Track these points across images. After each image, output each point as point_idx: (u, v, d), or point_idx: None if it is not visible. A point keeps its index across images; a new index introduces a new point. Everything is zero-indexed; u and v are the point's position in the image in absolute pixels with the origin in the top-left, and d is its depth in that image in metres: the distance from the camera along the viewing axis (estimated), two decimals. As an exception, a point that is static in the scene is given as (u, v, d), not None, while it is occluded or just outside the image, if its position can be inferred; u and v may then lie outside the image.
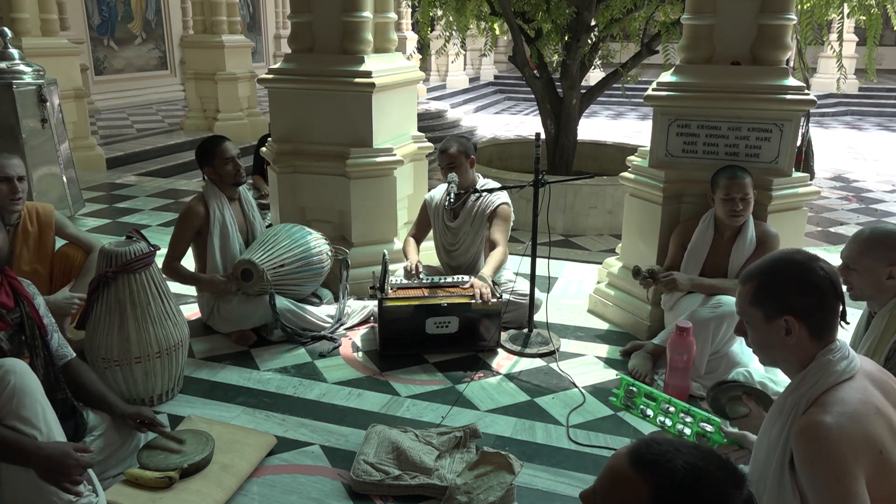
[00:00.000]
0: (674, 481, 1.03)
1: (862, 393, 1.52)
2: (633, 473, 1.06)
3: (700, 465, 1.04)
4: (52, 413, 2.02)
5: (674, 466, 1.04)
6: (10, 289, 2.24)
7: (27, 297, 2.28)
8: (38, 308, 2.33)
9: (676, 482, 1.03)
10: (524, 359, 3.45)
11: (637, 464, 1.06)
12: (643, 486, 1.04)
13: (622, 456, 1.10)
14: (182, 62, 13.28)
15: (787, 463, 1.52)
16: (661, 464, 1.05)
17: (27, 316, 2.25)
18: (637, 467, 1.06)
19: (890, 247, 2.12)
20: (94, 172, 7.57)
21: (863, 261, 2.14)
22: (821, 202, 7.64)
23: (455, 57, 16.91)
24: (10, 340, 2.21)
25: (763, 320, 1.59)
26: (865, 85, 15.15)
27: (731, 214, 3.19)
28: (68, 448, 1.95)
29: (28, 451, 1.91)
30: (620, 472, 1.08)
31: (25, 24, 6.81)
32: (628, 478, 1.06)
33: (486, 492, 2.30)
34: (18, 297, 2.25)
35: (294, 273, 3.52)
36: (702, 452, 1.07)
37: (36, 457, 1.90)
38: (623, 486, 1.07)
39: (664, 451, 1.06)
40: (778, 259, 1.64)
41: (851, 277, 2.17)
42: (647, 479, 1.04)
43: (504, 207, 3.70)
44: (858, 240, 2.18)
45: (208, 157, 3.49)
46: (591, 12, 6.70)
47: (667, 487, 1.03)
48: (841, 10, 7.08)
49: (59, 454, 1.92)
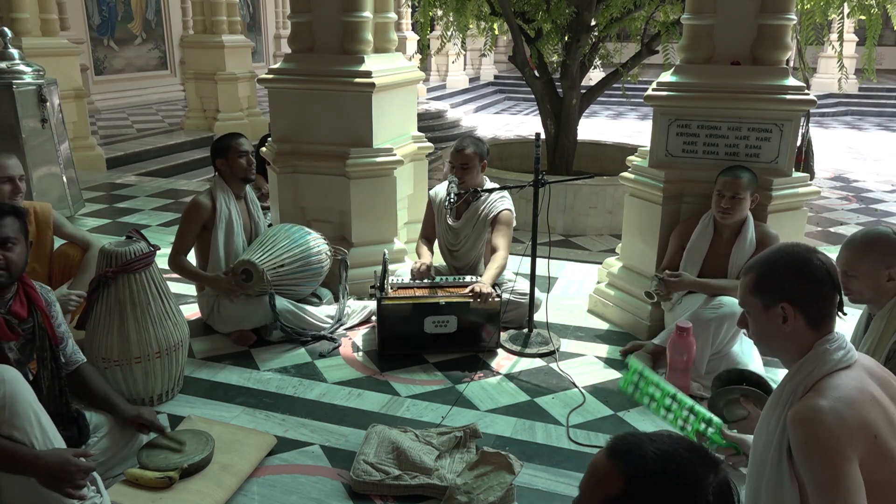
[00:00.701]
0: (644, 467, 1.08)
1: (858, 381, 1.54)
2: (609, 465, 1.11)
3: (670, 451, 1.09)
4: (46, 418, 2.00)
5: (644, 453, 1.09)
6: (25, 298, 2.24)
7: (42, 307, 2.28)
8: (53, 318, 2.33)
9: (647, 468, 1.08)
10: (524, 359, 3.45)
11: (612, 455, 1.12)
12: (617, 475, 1.09)
13: (601, 452, 1.16)
14: (182, 62, 13.28)
15: (785, 450, 1.53)
16: (633, 452, 1.10)
17: (39, 327, 2.25)
18: (612, 458, 1.12)
19: (884, 250, 2.13)
20: (94, 172, 7.57)
21: (860, 267, 2.15)
22: (821, 202, 7.64)
23: (455, 57, 16.91)
24: (21, 350, 2.21)
25: (762, 309, 1.63)
26: (865, 85, 15.17)
27: (719, 211, 3.21)
28: (67, 454, 1.93)
29: (26, 461, 1.88)
30: (598, 466, 1.14)
31: (25, 24, 6.80)
32: (605, 470, 1.12)
33: (486, 492, 2.30)
34: (33, 307, 2.25)
35: (294, 273, 3.52)
36: (673, 439, 1.12)
37: (35, 465, 1.88)
38: (600, 479, 1.12)
39: (637, 441, 1.12)
40: (777, 250, 1.69)
41: (851, 284, 2.18)
42: (621, 468, 1.10)
43: (506, 213, 3.70)
44: (852, 247, 2.19)
45: (223, 150, 3.53)
46: (591, 12, 6.70)
47: (638, 473, 1.08)
48: (841, 10, 7.08)
49: (58, 461, 1.89)
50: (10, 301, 2.20)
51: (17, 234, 2.19)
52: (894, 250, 2.13)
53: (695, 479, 1.07)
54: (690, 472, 1.08)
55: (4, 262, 2.14)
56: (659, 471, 1.07)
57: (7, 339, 2.16)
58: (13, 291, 2.21)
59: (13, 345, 2.18)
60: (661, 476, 1.07)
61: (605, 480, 1.11)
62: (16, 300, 2.21)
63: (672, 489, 1.06)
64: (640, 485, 1.07)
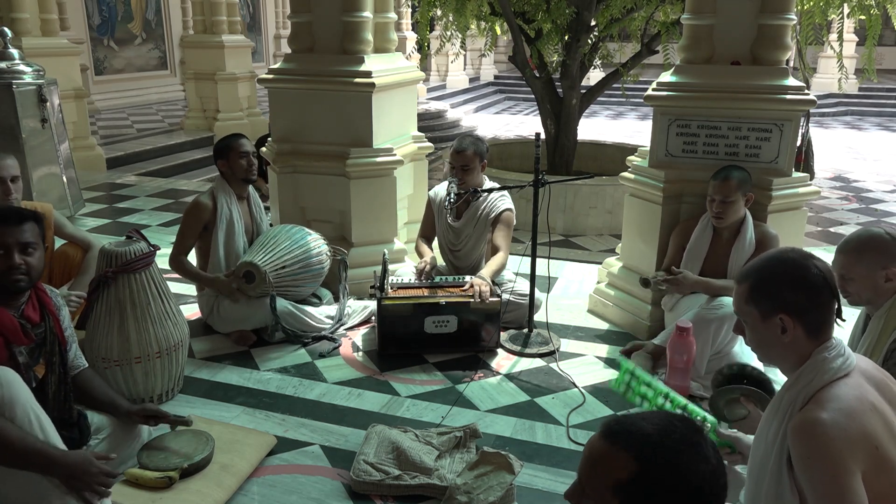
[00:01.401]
0: (650, 443, 1.11)
1: (857, 390, 1.53)
2: (611, 448, 1.13)
3: (664, 423, 1.13)
4: (47, 420, 1.99)
5: (644, 429, 1.13)
6: (38, 303, 2.24)
7: (53, 312, 2.28)
8: (61, 321, 2.33)
9: (652, 443, 1.11)
10: (524, 359, 3.45)
11: (611, 438, 1.14)
12: (624, 455, 1.11)
13: (594, 439, 1.17)
14: (182, 62, 13.28)
15: (785, 460, 1.52)
16: (633, 431, 1.13)
17: (50, 331, 2.25)
18: (612, 441, 1.14)
19: (878, 250, 2.13)
20: (94, 172, 7.57)
21: (857, 269, 2.14)
22: (821, 202, 7.64)
23: (455, 57, 16.91)
24: (30, 354, 2.21)
25: (759, 319, 1.61)
26: (865, 85, 15.17)
27: (712, 216, 3.21)
28: (90, 457, 1.94)
29: (53, 459, 1.89)
30: (598, 451, 1.15)
31: (25, 24, 6.80)
32: (607, 453, 1.13)
33: (486, 492, 2.30)
34: (45, 312, 2.25)
35: (295, 274, 3.52)
36: (660, 413, 1.17)
37: (61, 465, 1.89)
38: (604, 463, 1.13)
39: (632, 421, 1.15)
40: (772, 258, 1.65)
41: (849, 287, 2.17)
42: (626, 447, 1.12)
43: (507, 214, 3.70)
44: (846, 250, 2.18)
45: (224, 151, 3.54)
46: (591, 12, 6.70)
47: (646, 451, 1.10)
48: (841, 11, 7.08)
49: (82, 462, 1.91)
50: (24, 305, 2.20)
51: (36, 238, 2.20)
52: (889, 250, 2.12)
53: (694, 445, 1.11)
54: (689, 439, 1.11)
55: (25, 267, 2.14)
56: (665, 444, 1.10)
57: (20, 343, 2.16)
58: (26, 296, 2.22)
59: (23, 348, 2.18)
60: (668, 448, 1.10)
61: (612, 464, 1.11)
62: (28, 304, 2.21)
63: (682, 459, 1.09)
64: (650, 461, 1.09)
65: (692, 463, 1.10)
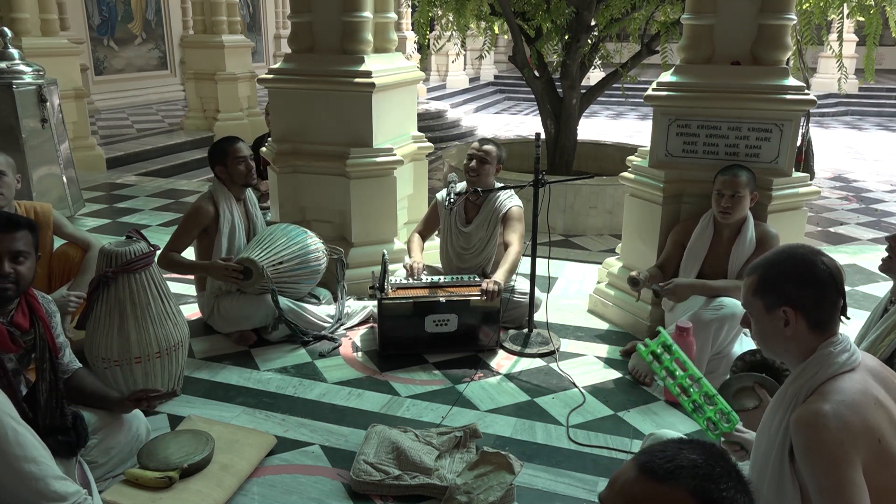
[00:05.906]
0: (700, 474, 1.03)
1: (862, 384, 1.53)
2: (660, 487, 1.03)
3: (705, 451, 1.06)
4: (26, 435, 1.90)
5: (691, 461, 1.04)
6: (27, 308, 2.22)
7: (43, 317, 2.26)
8: (53, 328, 2.31)
9: (703, 474, 1.03)
10: (524, 359, 3.45)
11: (657, 477, 1.04)
12: (679, 491, 1.02)
13: (630, 481, 1.06)
14: (182, 62, 13.28)
15: (787, 453, 1.53)
16: (685, 466, 1.04)
17: (40, 338, 2.22)
18: (661, 480, 1.03)
19: None
20: (94, 172, 7.57)
21: None
22: (821, 202, 7.64)
23: (455, 57, 16.91)
24: (20, 361, 2.19)
25: (763, 311, 1.62)
26: (865, 85, 15.12)
27: (720, 210, 3.21)
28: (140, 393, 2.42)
29: (112, 402, 2.42)
30: (644, 494, 1.04)
31: (25, 24, 6.80)
32: (658, 495, 1.03)
33: (486, 492, 2.30)
34: (35, 318, 2.22)
35: (292, 270, 3.51)
36: (690, 442, 1.08)
37: (120, 403, 2.41)
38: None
39: (673, 454, 1.05)
40: (782, 252, 1.68)
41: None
42: (679, 483, 1.02)
43: (515, 209, 3.69)
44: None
45: (221, 156, 3.50)
46: (590, 12, 6.70)
47: (704, 486, 1.02)
48: (840, 11, 7.08)
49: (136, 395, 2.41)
50: (13, 312, 2.17)
51: (28, 247, 2.17)
52: None
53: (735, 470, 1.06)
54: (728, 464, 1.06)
55: (14, 276, 2.12)
56: (716, 474, 1.03)
57: (8, 351, 2.13)
58: (16, 302, 2.18)
59: (12, 355, 2.15)
60: (716, 475, 1.03)
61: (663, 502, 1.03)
62: (18, 311, 2.18)
63: (731, 486, 1.04)
64: (706, 490, 1.02)
65: (738, 493, 1.04)
